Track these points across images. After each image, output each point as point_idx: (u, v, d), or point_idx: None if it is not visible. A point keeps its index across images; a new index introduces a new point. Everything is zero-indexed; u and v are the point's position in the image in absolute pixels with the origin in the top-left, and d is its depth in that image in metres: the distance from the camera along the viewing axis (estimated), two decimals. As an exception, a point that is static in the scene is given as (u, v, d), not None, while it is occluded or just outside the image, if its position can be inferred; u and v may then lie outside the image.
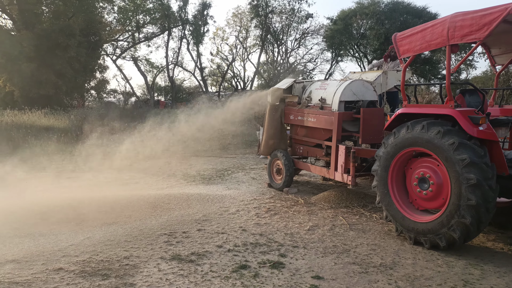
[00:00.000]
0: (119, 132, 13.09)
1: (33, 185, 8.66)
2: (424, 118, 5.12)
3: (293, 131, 8.29)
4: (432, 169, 5.00)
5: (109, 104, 28.73)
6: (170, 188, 8.54)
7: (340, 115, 6.86)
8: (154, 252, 4.78)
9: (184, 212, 6.56)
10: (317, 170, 7.57)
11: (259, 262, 4.54)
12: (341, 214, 6.42)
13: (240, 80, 44.22)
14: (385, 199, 5.46)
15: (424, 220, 4.98)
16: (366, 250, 4.94)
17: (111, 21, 35.71)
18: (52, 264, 4.39)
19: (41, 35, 23.99)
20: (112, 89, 40.76)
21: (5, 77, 24.34)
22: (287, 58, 42.34)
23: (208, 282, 4.02)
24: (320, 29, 40.19)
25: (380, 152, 5.54)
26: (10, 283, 3.92)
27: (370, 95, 7.10)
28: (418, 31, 5.22)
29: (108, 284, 3.93)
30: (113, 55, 38.48)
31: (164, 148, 11.94)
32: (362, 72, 8.38)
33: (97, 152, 11.79)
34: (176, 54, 40.95)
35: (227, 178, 9.64)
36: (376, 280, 4.12)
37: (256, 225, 5.91)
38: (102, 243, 5.04)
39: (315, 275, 4.21)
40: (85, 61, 27.13)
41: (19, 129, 15.63)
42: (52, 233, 5.55)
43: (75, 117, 18.78)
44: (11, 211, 6.45)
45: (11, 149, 11.63)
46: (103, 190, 8.31)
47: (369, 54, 37.37)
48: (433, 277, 4.20)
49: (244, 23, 40.33)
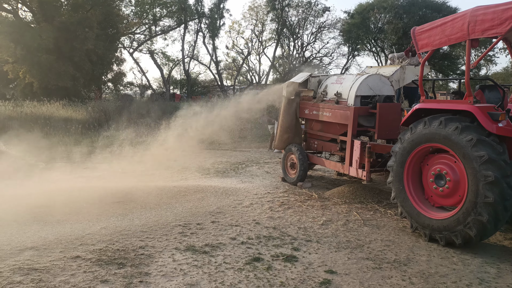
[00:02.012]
0: (135, 125, 13.23)
1: (51, 175, 8.84)
2: (442, 113, 5.05)
3: (308, 126, 8.26)
4: (449, 165, 4.93)
5: (125, 97, 29.05)
6: (185, 181, 8.62)
7: (356, 110, 6.81)
8: (169, 243, 4.85)
9: (198, 204, 6.62)
10: (332, 165, 7.54)
11: (272, 255, 4.56)
12: (355, 210, 6.39)
13: (255, 74, 44.16)
14: (400, 195, 5.42)
15: (440, 217, 4.93)
16: (380, 246, 4.92)
17: (128, 14, 35.97)
18: (69, 252, 4.49)
19: (60, 28, 24.31)
20: (129, 82, 41.12)
21: (25, 69, 24.76)
22: (302, 52, 42.05)
23: (221, 274, 4.06)
24: (337, 23, 39.74)
25: (396, 148, 5.49)
26: (29, 269, 4.03)
27: (387, 90, 7.03)
28: (437, 25, 5.13)
29: (123, 272, 4.01)
30: (130, 48, 38.77)
31: (180, 141, 12.04)
32: (379, 66, 8.29)
33: (114, 144, 11.97)
34: (192, 47, 41.05)
35: (241, 171, 9.67)
36: (389, 276, 4.10)
37: (270, 218, 5.93)
38: (118, 233, 5.13)
39: (328, 270, 4.21)
40: (102, 54, 27.41)
41: (38, 120, 15.93)
42: (68, 221, 5.66)
43: (93, 109, 19.04)
44: (29, 200, 6.60)
45: (29, 139, 11.86)
46: (119, 181, 8.44)
47: (386, 48, 36.88)
48: (448, 274, 4.16)
49: (260, 17, 40.14)
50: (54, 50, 24.34)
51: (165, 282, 3.86)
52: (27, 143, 11.24)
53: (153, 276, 3.96)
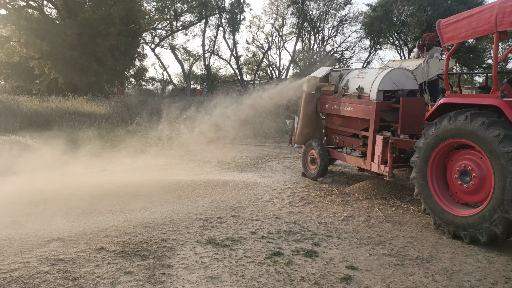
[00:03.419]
0: (157, 120, 13.40)
1: (76, 168, 9.05)
2: (467, 108, 4.93)
3: (328, 121, 8.19)
4: (475, 161, 4.82)
5: (147, 92, 29.42)
6: (206, 175, 8.69)
7: (378, 105, 6.71)
8: (190, 236, 4.91)
9: (219, 198, 6.67)
10: (353, 161, 7.47)
11: (293, 250, 4.56)
12: (376, 206, 6.32)
13: (275, 69, 44.03)
14: (424, 191, 5.33)
15: (465, 214, 4.82)
16: (403, 242, 4.86)
17: (150, 10, 36.36)
18: (94, 243, 4.60)
19: (83, 24, 24.78)
20: (150, 77, 41.68)
21: (50, 65, 25.37)
22: (323, 46, 41.69)
23: (242, 267, 4.09)
24: (358, 16, 39.22)
25: (420, 143, 5.39)
26: (56, 260, 4.15)
27: (410, 84, 6.90)
28: (463, 18, 5.00)
29: (146, 264, 4.08)
30: (151, 43, 39.24)
31: (201, 136, 12.15)
32: (402, 60, 8.13)
33: (136, 138, 12.16)
34: (213, 42, 41.27)
35: (261, 166, 9.69)
36: (412, 273, 4.05)
37: (290, 213, 5.92)
38: (141, 225, 5.22)
39: (349, 265, 4.19)
40: (125, 49, 27.85)
41: (63, 114, 16.31)
42: (92, 214, 5.79)
43: (116, 104, 19.37)
44: (54, 193, 6.77)
45: (55, 133, 12.18)
46: (141, 175, 8.58)
47: (409, 42, 36.17)
48: (472, 272, 4.08)
49: (281, 11, 39.95)
50: (78, 46, 24.85)
51: (187, 275, 3.91)
52: (52, 137, 11.55)
53: (175, 269, 4.02)
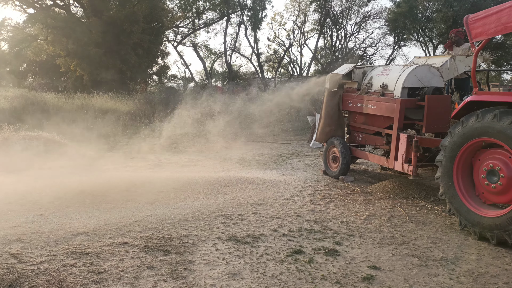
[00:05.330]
0: (180, 117, 13.53)
1: (101, 164, 9.24)
2: (496, 106, 4.78)
3: (351, 118, 8.10)
4: (503, 161, 4.68)
5: (169, 89, 29.70)
6: (227, 172, 8.73)
7: (402, 102, 6.59)
8: (212, 232, 4.94)
9: (240, 195, 6.69)
10: (376, 159, 7.36)
11: (314, 248, 4.54)
12: (400, 205, 6.22)
13: (297, 66, 43.77)
14: (449, 191, 5.21)
15: (492, 215, 4.69)
16: (426, 243, 4.77)
17: (172, 8, 36.66)
18: (118, 238, 4.69)
19: (108, 22, 25.20)
20: (173, 75, 42.04)
21: (76, 62, 25.92)
22: (346, 43, 41.11)
23: (263, 264, 4.10)
24: (382, 12, 38.46)
25: (446, 142, 5.27)
26: (81, 253, 4.25)
27: (436, 81, 6.74)
28: (493, 13, 4.85)
29: (169, 259, 4.14)
30: (174, 41, 39.58)
31: (222, 132, 12.22)
32: (428, 57, 7.96)
33: (159, 135, 12.32)
34: (234, 40, 41.27)
35: (282, 164, 9.67)
36: (436, 274, 3.97)
37: (311, 211, 5.89)
38: (163, 221, 5.30)
39: (372, 265, 4.14)
40: (148, 47, 28.16)
41: (88, 111, 16.66)
42: (116, 209, 5.90)
43: (139, 101, 19.65)
44: (80, 188, 6.93)
45: (81, 129, 12.44)
46: (164, 171, 8.69)
47: (434, 38, 35.33)
48: (499, 274, 3.97)
49: (303, 7, 39.61)
50: (103, 44, 25.29)
51: (209, 270, 3.94)
52: (78, 133, 11.81)
53: (197, 264, 4.06)
